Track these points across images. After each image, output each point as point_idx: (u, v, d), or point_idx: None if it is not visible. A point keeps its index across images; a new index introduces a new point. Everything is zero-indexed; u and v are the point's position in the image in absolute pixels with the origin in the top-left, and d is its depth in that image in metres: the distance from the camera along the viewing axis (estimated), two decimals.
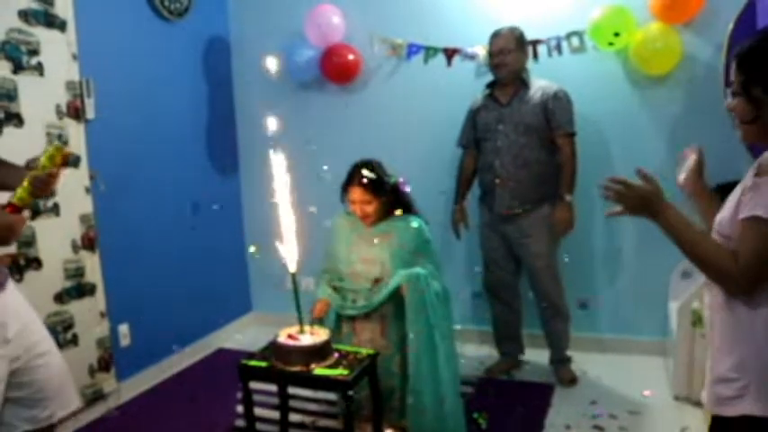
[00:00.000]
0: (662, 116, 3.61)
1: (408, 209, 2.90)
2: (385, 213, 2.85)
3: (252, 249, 4.29)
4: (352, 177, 2.81)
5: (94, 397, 3.26)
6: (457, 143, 3.59)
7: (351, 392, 2.34)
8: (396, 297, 2.74)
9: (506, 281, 3.55)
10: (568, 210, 3.29)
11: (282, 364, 2.42)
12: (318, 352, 2.42)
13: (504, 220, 3.39)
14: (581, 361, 3.67)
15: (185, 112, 3.97)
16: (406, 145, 3.99)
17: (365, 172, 2.77)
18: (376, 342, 2.78)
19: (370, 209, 2.80)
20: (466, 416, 2.89)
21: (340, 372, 2.36)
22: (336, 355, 2.50)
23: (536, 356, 3.75)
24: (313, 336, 2.46)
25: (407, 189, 2.92)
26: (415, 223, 2.84)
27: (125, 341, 3.48)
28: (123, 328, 3.47)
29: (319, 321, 2.77)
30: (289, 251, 2.44)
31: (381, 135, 4.05)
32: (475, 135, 3.46)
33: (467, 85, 3.81)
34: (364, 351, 2.56)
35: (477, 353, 3.89)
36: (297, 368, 2.39)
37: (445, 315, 2.78)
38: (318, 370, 2.38)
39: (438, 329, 2.69)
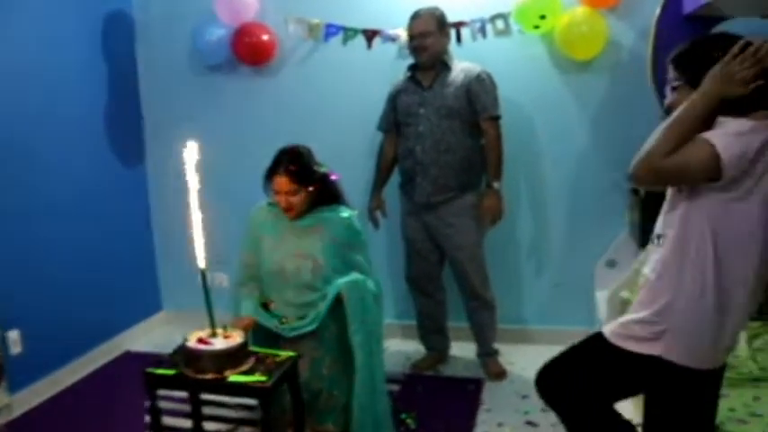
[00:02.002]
0: (587, 101, 3.55)
1: (336, 200, 2.71)
2: (310, 205, 2.65)
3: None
4: (278, 165, 2.59)
5: None
6: (377, 127, 3.41)
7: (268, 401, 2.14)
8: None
9: (429, 272, 3.41)
10: (497, 198, 3.18)
11: (193, 372, 2.19)
12: (233, 356, 2.20)
13: (426, 208, 3.25)
14: (508, 353, 3.58)
15: (82, 93, 3.60)
16: (324, 131, 3.77)
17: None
18: (304, 343, 2.57)
19: (295, 200, 2.58)
20: (393, 416, 2.74)
21: (257, 378, 2.15)
22: (253, 358, 2.28)
23: (463, 350, 3.64)
24: (227, 339, 2.24)
25: (335, 178, 2.71)
26: (344, 214, 2.66)
27: (15, 349, 3.12)
28: (13, 335, 3.11)
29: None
30: (198, 246, 2.20)
31: (297, 120, 3.82)
32: (395, 119, 3.29)
33: (387, 68, 3.63)
34: (283, 354, 2.35)
35: (402, 348, 3.75)
36: (209, 375, 2.17)
37: (379, 315, 2.64)
38: (233, 377, 2.16)
39: (374, 334, 2.55)
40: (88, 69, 3.66)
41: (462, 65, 3.19)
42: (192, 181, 2.19)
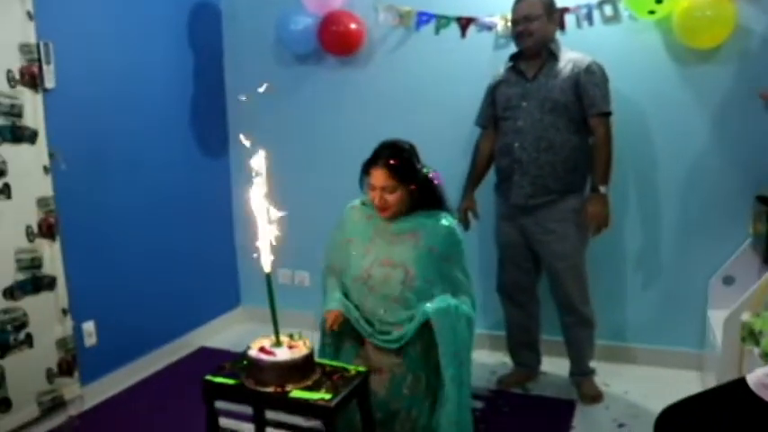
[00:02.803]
0: (709, 96, 3.14)
1: (438, 205, 2.46)
2: (409, 208, 2.42)
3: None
4: (377, 157, 2.37)
5: (53, 405, 2.87)
6: (475, 122, 3.14)
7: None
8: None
9: (523, 282, 3.11)
10: (603, 203, 2.84)
11: (253, 383, 2.01)
12: (296, 369, 2.01)
13: (523, 212, 2.95)
14: (605, 373, 3.24)
15: (167, 85, 3.54)
16: (415, 125, 3.51)
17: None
18: (386, 358, 2.37)
19: (392, 198, 2.35)
20: None
21: (321, 395, 1.94)
22: (320, 372, 2.08)
23: (555, 367, 3.32)
24: (291, 349, 2.04)
25: (438, 181, 2.48)
26: (445, 221, 2.42)
27: (90, 340, 3.08)
28: (88, 326, 3.07)
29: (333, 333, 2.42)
30: (263, 249, 2.02)
31: (386, 114, 3.61)
32: (494, 113, 3.01)
33: (483, 59, 3.37)
34: (352, 368, 2.13)
35: (488, 360, 3.47)
36: (270, 389, 1.98)
37: (470, 341, 2.39)
38: (295, 392, 1.97)
39: (465, 363, 2.32)
40: (174, 60, 3.59)
41: (571, 54, 2.88)
42: (259, 190, 2.02)
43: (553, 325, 3.22)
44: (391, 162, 2.32)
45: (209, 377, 2.09)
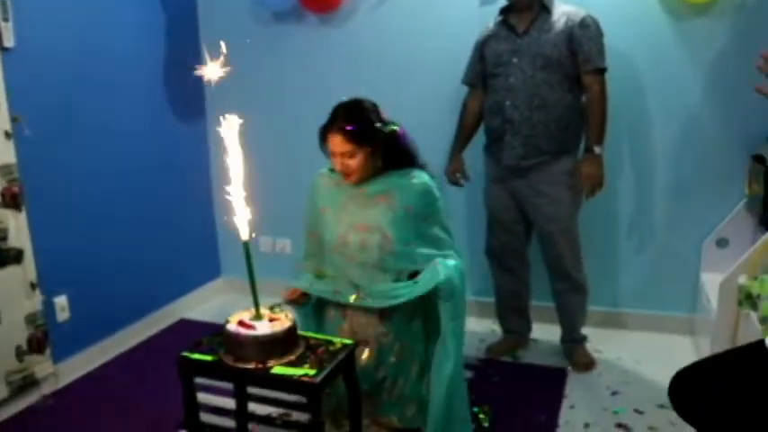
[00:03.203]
0: (703, 51, 3.02)
1: (410, 162, 2.31)
2: (378, 169, 2.27)
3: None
4: (332, 122, 2.21)
5: (24, 384, 2.73)
6: (462, 80, 2.99)
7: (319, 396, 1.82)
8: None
9: (514, 246, 3.00)
10: (598, 164, 2.72)
11: (233, 359, 1.90)
12: (278, 344, 1.89)
13: (514, 174, 2.82)
14: (597, 340, 3.17)
15: (138, 45, 3.33)
16: (400, 85, 3.40)
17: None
18: (371, 328, 2.26)
19: (353, 163, 2.20)
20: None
21: (305, 371, 1.83)
22: (303, 346, 1.97)
23: (545, 333, 3.25)
24: (272, 322, 1.92)
25: (405, 136, 2.30)
26: (418, 179, 2.26)
27: (63, 315, 2.94)
28: (60, 301, 2.92)
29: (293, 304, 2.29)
30: (240, 216, 1.89)
31: (370, 73, 3.45)
32: (483, 70, 2.86)
33: (470, 14, 3.22)
34: (338, 341, 2.02)
35: (476, 328, 3.37)
36: (250, 365, 1.87)
37: (465, 303, 2.27)
38: (278, 368, 1.85)
39: (462, 316, 2.22)
40: (145, 20, 3.38)
41: (564, 7, 2.73)
42: (235, 156, 1.87)
43: (543, 290, 3.13)
44: (346, 126, 2.17)
45: (185, 353, 1.97)
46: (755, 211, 2.98)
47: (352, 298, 2.25)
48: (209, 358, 1.93)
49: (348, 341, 2.02)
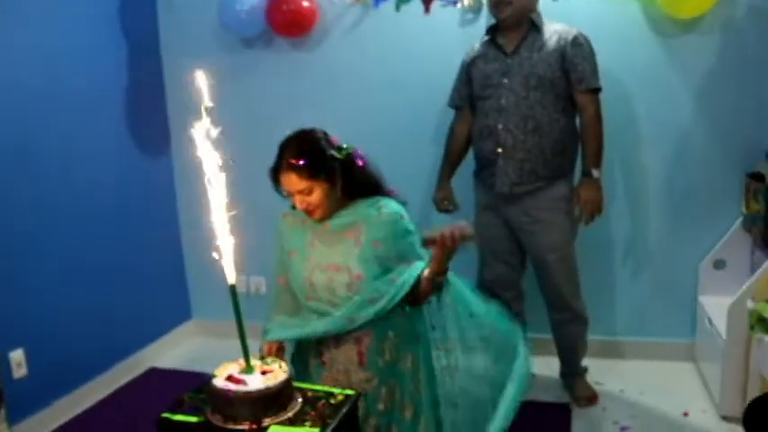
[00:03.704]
0: (693, 69, 2.95)
1: (375, 188, 2.09)
2: (342, 199, 2.03)
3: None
4: (280, 160, 1.98)
5: None
6: (448, 102, 2.85)
7: None
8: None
9: (509, 277, 2.84)
10: (597, 188, 2.60)
11: (222, 419, 1.66)
12: (274, 399, 1.66)
13: (507, 201, 2.67)
14: (596, 371, 3.01)
15: (99, 74, 3.10)
16: (377, 112, 3.24)
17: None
18: (353, 375, 2.03)
19: (313, 199, 1.97)
20: None
21: (307, 430, 1.61)
22: (300, 400, 1.74)
23: (542, 366, 3.07)
24: (265, 376, 1.70)
25: (363, 163, 2.05)
26: (388, 208, 2.02)
27: (19, 372, 2.65)
28: (16, 356, 2.64)
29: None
30: (226, 256, 1.67)
31: (345, 101, 3.30)
32: (470, 93, 2.72)
33: (449, 36, 3.10)
34: (338, 392, 1.81)
35: None
36: (243, 425, 1.63)
37: None
38: (274, 428, 1.63)
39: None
40: (106, 47, 3.17)
41: (555, 26, 2.61)
42: (214, 175, 1.63)
43: (539, 322, 2.97)
44: (295, 162, 1.95)
45: (166, 415, 1.72)
46: (755, 230, 2.88)
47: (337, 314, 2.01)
48: (194, 419, 1.69)
49: (350, 392, 1.81)
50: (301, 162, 1.92)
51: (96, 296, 3.04)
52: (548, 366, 3.05)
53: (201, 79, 1.66)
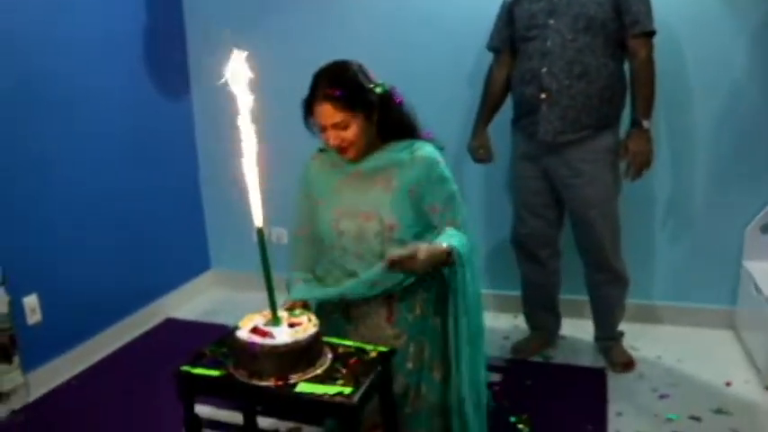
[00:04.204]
0: (748, 20, 2.71)
1: (411, 131, 1.95)
2: (375, 141, 1.90)
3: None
4: (315, 91, 1.83)
5: None
6: (487, 45, 2.65)
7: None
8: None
9: (544, 233, 2.68)
10: (647, 140, 2.41)
11: (246, 375, 1.54)
12: (302, 355, 1.54)
13: (549, 150, 2.49)
14: (631, 336, 2.86)
15: (114, 9, 2.93)
16: (408, 50, 3.04)
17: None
18: (380, 331, 1.90)
19: (348, 134, 1.82)
20: (500, 418, 2.19)
21: (338, 389, 1.49)
22: (330, 356, 1.62)
23: (574, 329, 2.96)
24: (293, 329, 1.57)
25: (401, 100, 1.92)
26: (422, 151, 1.88)
27: (34, 318, 2.56)
28: (30, 301, 2.54)
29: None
30: (254, 200, 1.53)
31: (374, 37, 3.08)
32: (512, 34, 2.53)
33: None
34: (370, 348, 1.68)
35: (495, 324, 3.05)
36: (269, 381, 1.52)
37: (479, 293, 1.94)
38: (303, 385, 1.51)
39: (481, 320, 1.89)
40: None
41: None
42: (245, 117, 1.50)
43: (573, 282, 2.84)
44: (334, 92, 1.79)
45: (185, 368, 1.61)
46: None
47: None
48: (215, 373, 1.58)
49: (383, 348, 1.68)
50: (338, 92, 1.77)
51: (113, 243, 2.93)
52: (579, 329, 2.93)
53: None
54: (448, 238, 1.79)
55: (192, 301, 3.44)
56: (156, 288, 3.24)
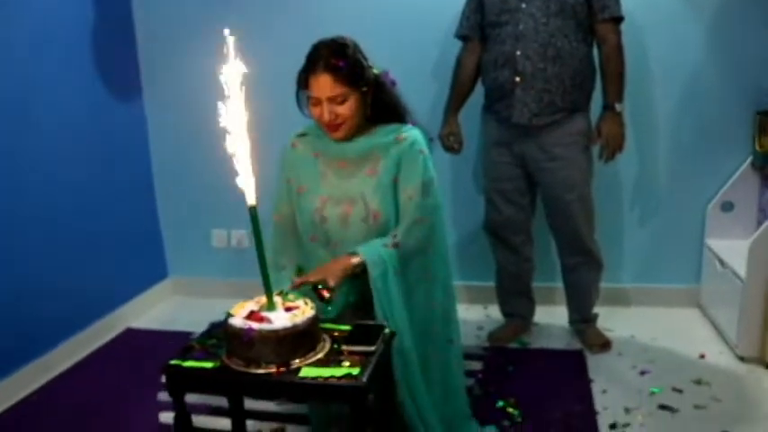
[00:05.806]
0: (704, 5, 2.80)
1: (400, 116, 1.90)
2: (364, 123, 1.85)
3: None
4: (315, 61, 1.76)
5: None
6: (455, 33, 2.62)
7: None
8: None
9: (518, 220, 2.67)
10: (619, 123, 2.46)
11: (243, 363, 1.45)
12: (302, 339, 1.46)
13: (524, 134, 2.49)
14: (604, 318, 2.88)
15: (60, 12, 2.77)
16: (374, 38, 2.98)
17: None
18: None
19: (343, 110, 1.76)
20: (487, 404, 2.21)
21: (345, 370, 1.41)
22: (328, 340, 1.55)
23: (546, 315, 2.95)
24: (290, 312, 1.49)
25: (394, 81, 1.90)
26: (408, 134, 1.84)
27: None
28: None
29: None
30: (245, 176, 1.45)
31: (339, 27, 3.00)
32: (481, 21, 2.51)
33: None
34: (372, 325, 1.62)
35: (467, 315, 3.02)
36: (269, 369, 1.43)
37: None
38: (306, 369, 1.43)
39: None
40: None
41: None
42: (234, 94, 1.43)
43: (545, 269, 2.85)
44: (336, 62, 1.74)
45: (175, 362, 1.50)
46: (766, 169, 2.79)
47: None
48: (208, 365, 1.48)
49: (384, 326, 1.61)
50: (342, 62, 1.72)
51: (63, 256, 2.73)
52: (554, 315, 2.93)
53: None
54: (368, 249, 1.74)
55: (151, 311, 3.28)
56: (112, 299, 3.06)
